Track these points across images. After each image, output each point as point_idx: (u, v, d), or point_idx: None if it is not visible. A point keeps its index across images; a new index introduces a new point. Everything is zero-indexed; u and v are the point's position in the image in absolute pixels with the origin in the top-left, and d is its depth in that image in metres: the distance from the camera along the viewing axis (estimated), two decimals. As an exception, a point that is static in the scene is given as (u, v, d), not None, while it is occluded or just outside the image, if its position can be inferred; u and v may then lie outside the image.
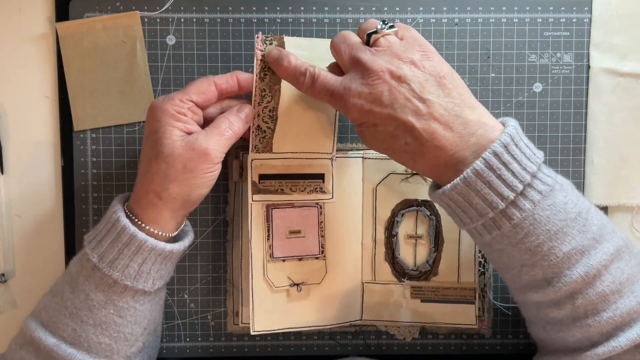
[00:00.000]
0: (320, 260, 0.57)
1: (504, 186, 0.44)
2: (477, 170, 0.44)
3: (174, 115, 0.50)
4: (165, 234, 0.51)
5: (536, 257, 0.45)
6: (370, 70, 0.46)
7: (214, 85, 0.52)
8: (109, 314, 0.50)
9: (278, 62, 0.51)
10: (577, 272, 0.44)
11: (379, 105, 0.46)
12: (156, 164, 0.49)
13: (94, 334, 0.50)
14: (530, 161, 0.45)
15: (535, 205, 0.44)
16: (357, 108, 0.47)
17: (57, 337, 0.50)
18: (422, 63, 0.46)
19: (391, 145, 0.47)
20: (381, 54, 0.47)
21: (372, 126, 0.47)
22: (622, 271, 0.45)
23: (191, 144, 0.49)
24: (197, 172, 0.50)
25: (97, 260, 0.50)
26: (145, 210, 0.50)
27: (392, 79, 0.46)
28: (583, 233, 0.45)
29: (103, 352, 0.51)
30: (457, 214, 0.48)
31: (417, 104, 0.45)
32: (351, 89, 0.47)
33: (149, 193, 0.50)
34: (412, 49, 0.47)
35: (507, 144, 0.45)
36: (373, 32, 0.48)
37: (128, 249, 0.49)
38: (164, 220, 0.51)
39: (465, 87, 0.48)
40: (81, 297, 0.50)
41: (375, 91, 0.46)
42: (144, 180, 0.50)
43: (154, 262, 0.51)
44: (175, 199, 0.50)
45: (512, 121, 0.47)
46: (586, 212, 0.46)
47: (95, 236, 0.51)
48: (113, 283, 0.50)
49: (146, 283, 0.51)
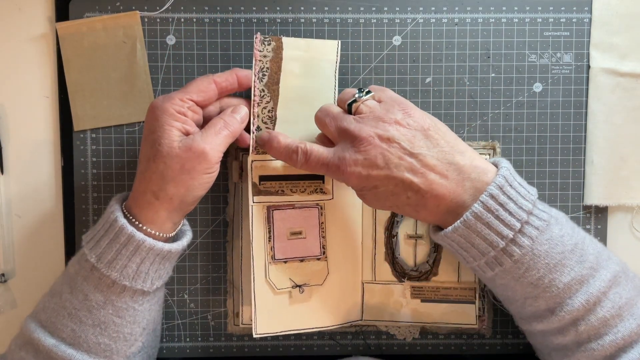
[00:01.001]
0: (322, 261, 0.57)
1: (502, 226, 0.47)
2: (476, 212, 0.47)
3: (174, 114, 0.50)
4: (162, 234, 0.51)
5: (538, 290, 0.47)
6: (359, 138, 0.48)
7: (214, 84, 0.52)
8: (108, 314, 0.50)
9: (269, 144, 0.53)
10: (578, 301, 0.46)
11: (375, 169, 0.48)
12: (154, 164, 0.50)
13: (93, 334, 0.50)
14: (525, 199, 0.47)
15: (533, 241, 0.47)
16: (355, 175, 0.48)
17: (57, 337, 0.50)
18: (405, 121, 0.48)
19: (394, 202, 0.49)
20: (365, 121, 0.49)
21: (373, 188, 0.49)
22: (620, 296, 0.47)
23: (189, 145, 0.49)
24: (194, 172, 0.50)
25: (95, 261, 0.50)
26: (143, 210, 0.50)
27: (381, 142, 0.48)
28: (581, 263, 0.47)
29: (102, 353, 0.51)
30: (460, 253, 0.50)
31: (410, 161, 0.47)
32: (345, 158, 0.48)
33: (146, 193, 0.50)
34: (392, 110, 0.49)
35: (502, 185, 0.47)
36: (353, 102, 0.50)
37: (126, 249, 0.49)
38: (160, 221, 0.51)
39: (451, 133, 0.50)
40: (80, 297, 0.50)
41: (368, 156, 0.48)
42: (142, 180, 0.51)
43: (152, 262, 0.51)
44: (171, 199, 0.50)
45: (504, 162, 0.49)
46: (582, 242, 0.48)
47: (93, 236, 0.51)
48: (111, 283, 0.50)
49: (145, 283, 0.51)
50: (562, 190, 0.60)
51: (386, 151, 0.47)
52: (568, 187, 0.60)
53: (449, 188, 0.48)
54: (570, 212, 0.60)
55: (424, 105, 0.59)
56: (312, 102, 0.55)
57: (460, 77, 0.59)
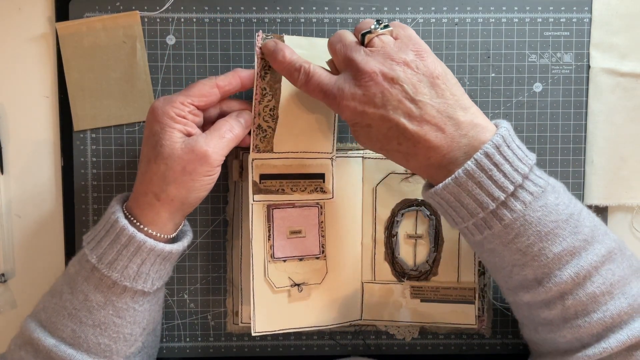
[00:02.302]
0: (321, 260, 0.57)
1: (494, 187, 0.44)
2: (468, 170, 0.44)
3: (174, 117, 0.50)
4: (163, 235, 0.51)
5: (527, 258, 0.46)
6: (363, 72, 0.46)
7: (217, 88, 0.52)
8: (108, 314, 0.50)
9: (273, 55, 0.51)
10: (567, 273, 0.45)
11: (372, 107, 0.46)
12: (155, 165, 0.49)
13: (93, 334, 0.50)
14: (522, 162, 0.45)
15: (526, 206, 0.45)
16: (350, 109, 0.47)
17: (57, 337, 0.50)
18: (415, 64, 0.46)
19: (384, 145, 0.47)
20: (374, 55, 0.47)
21: (366, 127, 0.47)
22: (613, 273, 0.45)
23: (191, 146, 0.49)
24: (195, 174, 0.50)
25: (96, 261, 0.50)
26: (144, 211, 0.50)
27: (384, 80, 0.46)
28: (574, 234, 0.45)
29: (102, 353, 0.51)
30: (448, 213, 0.48)
31: (409, 106, 0.46)
32: (344, 90, 0.47)
33: (147, 194, 0.50)
34: (405, 49, 0.47)
35: (499, 145, 0.45)
36: (367, 32, 0.48)
37: (127, 249, 0.49)
38: (161, 222, 0.51)
39: (459, 87, 0.48)
40: (80, 297, 0.50)
41: (368, 93, 0.46)
42: (142, 181, 0.51)
43: (152, 263, 0.51)
44: (173, 200, 0.50)
45: (504, 123, 0.47)
46: (578, 213, 0.46)
47: (94, 237, 0.51)
48: (112, 284, 0.50)
49: (145, 284, 0.51)
50: (562, 190, 0.60)
51: (387, 91, 0.46)
52: (568, 187, 0.59)
53: (443, 142, 0.45)
54: (570, 212, 0.60)
55: (424, 105, 0.59)
56: (313, 101, 0.55)
57: (460, 77, 0.59)
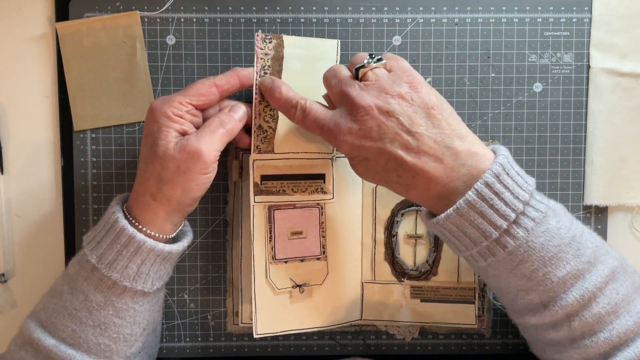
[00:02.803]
0: (322, 261, 0.57)
1: (496, 215, 0.45)
2: (470, 200, 0.45)
3: (171, 117, 0.50)
4: (162, 235, 0.51)
5: (532, 283, 0.46)
6: (358, 106, 0.46)
7: (215, 87, 0.52)
8: (108, 315, 0.50)
9: (270, 92, 0.52)
10: (572, 296, 0.45)
11: (369, 141, 0.46)
12: (152, 165, 0.50)
13: (93, 334, 0.50)
14: (522, 189, 0.46)
15: (528, 232, 0.45)
16: (347, 144, 0.47)
17: (57, 338, 0.50)
18: (409, 96, 0.46)
19: (383, 177, 0.48)
20: (369, 89, 0.47)
21: (364, 160, 0.48)
22: (617, 292, 0.46)
23: (183, 146, 0.49)
24: (190, 173, 0.49)
25: (96, 261, 0.50)
26: (142, 211, 0.51)
27: (380, 114, 0.46)
28: (577, 257, 0.46)
29: (102, 353, 0.51)
30: (452, 242, 0.48)
31: (406, 138, 0.46)
32: (341, 125, 0.47)
33: (145, 194, 0.50)
34: (399, 82, 0.47)
35: (499, 173, 0.45)
36: (361, 67, 0.48)
37: (127, 250, 0.49)
38: (159, 222, 0.51)
39: (455, 116, 0.48)
40: (80, 298, 0.50)
41: (364, 127, 0.46)
42: (140, 181, 0.51)
43: (152, 263, 0.51)
44: (169, 200, 0.50)
45: (502, 149, 0.47)
46: (580, 235, 0.47)
47: (94, 237, 0.51)
48: (112, 284, 0.50)
49: (145, 284, 0.51)
50: (562, 190, 0.60)
51: (383, 124, 0.46)
52: (568, 187, 0.60)
53: (442, 172, 0.46)
54: (571, 212, 0.59)
55: (424, 105, 0.59)
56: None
57: (460, 77, 0.59)
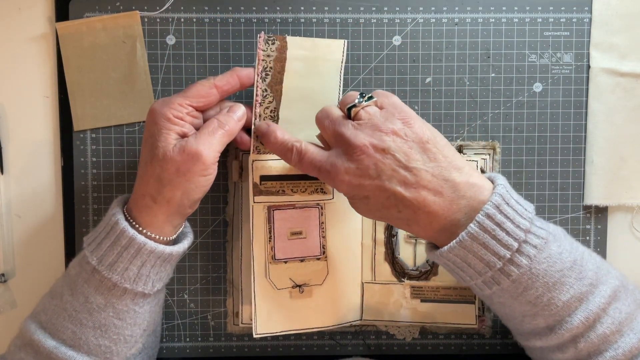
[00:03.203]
0: (322, 261, 0.57)
1: (499, 246, 0.45)
2: (472, 233, 0.45)
3: (171, 119, 0.50)
4: (162, 237, 0.51)
5: (537, 308, 0.47)
6: (353, 146, 0.47)
7: (215, 88, 0.52)
8: (109, 316, 0.50)
9: (266, 137, 0.52)
10: (577, 319, 0.46)
11: (367, 179, 0.47)
12: (151, 167, 0.50)
13: (93, 336, 0.50)
14: (523, 217, 0.46)
15: (531, 260, 0.45)
16: (345, 183, 0.47)
17: (57, 339, 0.50)
18: (403, 132, 0.47)
19: (385, 214, 0.48)
20: (362, 128, 0.47)
21: (364, 198, 0.48)
22: (620, 311, 0.46)
23: (182, 147, 0.49)
24: (190, 175, 0.49)
25: (96, 263, 0.50)
26: (142, 213, 0.51)
27: (376, 152, 0.46)
28: (580, 280, 0.46)
29: (102, 355, 0.51)
30: (456, 272, 0.49)
31: (404, 174, 0.46)
32: (337, 165, 0.47)
33: (145, 196, 0.50)
34: (392, 119, 0.47)
35: (499, 204, 0.45)
36: (352, 106, 0.49)
37: (127, 251, 0.49)
38: (159, 224, 0.51)
39: (450, 147, 0.48)
40: (80, 299, 0.50)
41: (361, 166, 0.46)
42: (140, 183, 0.51)
43: (153, 265, 0.51)
44: (169, 202, 0.50)
45: (500, 178, 0.48)
46: (581, 258, 0.47)
47: (94, 238, 0.51)
48: (112, 286, 0.50)
49: (145, 285, 0.51)
50: (562, 190, 0.60)
51: (380, 162, 0.46)
52: (568, 187, 0.60)
53: (442, 206, 0.46)
54: (570, 212, 0.60)
55: (424, 105, 0.59)
56: (315, 102, 0.55)
57: (460, 77, 0.59)
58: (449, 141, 0.58)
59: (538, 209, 0.59)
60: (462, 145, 0.59)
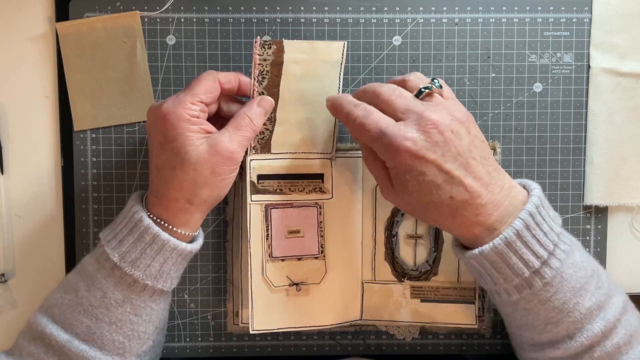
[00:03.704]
0: (320, 260, 0.57)
1: (538, 245, 0.47)
2: (517, 230, 0.46)
3: (190, 120, 0.49)
4: (191, 233, 0.52)
5: (562, 314, 0.47)
6: (427, 118, 0.46)
7: (219, 84, 0.52)
8: (125, 312, 0.51)
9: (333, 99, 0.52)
10: (597, 327, 0.47)
11: (432, 153, 0.46)
12: (183, 172, 0.49)
13: (108, 331, 0.50)
14: (554, 222, 0.48)
15: (562, 263, 0.47)
16: (408, 150, 0.46)
17: (70, 333, 0.50)
18: (468, 125, 0.48)
19: (435, 197, 0.47)
20: (436, 108, 0.47)
21: (420, 174, 0.46)
22: (630, 323, 0.48)
23: (215, 148, 0.49)
24: (224, 174, 0.50)
25: (117, 260, 0.50)
26: (177, 215, 0.51)
27: (446, 131, 0.46)
28: (599, 289, 0.48)
29: (116, 350, 0.51)
30: (489, 274, 0.49)
31: (467, 160, 0.47)
32: (407, 131, 0.46)
33: (178, 200, 0.50)
34: (459, 110, 0.48)
35: (538, 205, 0.47)
36: (427, 87, 0.48)
37: (151, 248, 0.50)
38: (194, 222, 0.52)
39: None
40: (98, 295, 0.50)
41: (430, 139, 0.46)
42: (170, 188, 0.50)
43: (174, 262, 0.51)
44: (206, 201, 0.51)
45: (533, 184, 0.50)
46: (597, 268, 0.49)
47: (114, 235, 0.51)
48: (133, 282, 0.50)
49: (165, 283, 0.51)
50: (562, 190, 0.60)
51: (449, 141, 0.46)
52: (568, 187, 0.60)
53: (490, 200, 0.47)
54: (570, 212, 0.60)
55: (424, 105, 0.59)
56: (313, 104, 0.55)
57: (460, 77, 0.59)
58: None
59: (538, 209, 0.60)
60: (462, 145, 0.59)
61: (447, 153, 0.46)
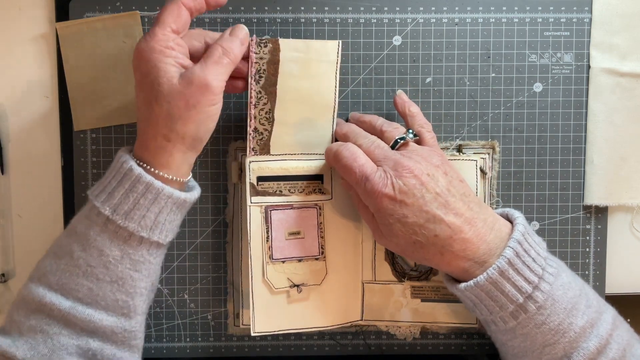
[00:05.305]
0: (320, 261, 0.57)
1: (528, 271, 0.48)
2: (509, 259, 0.48)
3: (163, 51, 0.48)
4: (178, 178, 0.50)
5: (558, 335, 0.48)
6: (404, 166, 0.49)
7: (184, 8, 0.50)
8: (125, 269, 0.49)
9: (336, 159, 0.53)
10: (592, 344, 0.48)
11: (411, 197, 0.49)
12: (158, 106, 0.48)
13: (110, 291, 0.49)
14: (540, 247, 0.50)
15: (551, 285, 0.48)
16: (387, 196, 0.49)
17: (72, 298, 0.48)
18: (444, 167, 0.51)
19: (421, 237, 0.49)
20: (413, 155, 0.51)
21: (402, 217, 0.49)
22: (622, 337, 0.49)
23: (189, 79, 0.48)
24: (200, 106, 0.48)
25: (110, 213, 0.48)
26: (156, 155, 0.49)
27: (422, 175, 0.49)
28: (589, 307, 0.49)
29: (120, 310, 0.49)
30: (484, 304, 0.50)
31: (445, 199, 0.49)
32: (385, 178, 0.49)
33: (156, 137, 0.49)
34: (434, 154, 0.51)
35: (524, 232, 0.49)
36: (402, 138, 0.52)
37: (144, 197, 0.48)
38: (175, 164, 0.50)
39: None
40: (94, 254, 0.49)
41: (408, 183, 0.49)
42: (147, 125, 0.49)
43: (169, 212, 0.50)
44: (183, 138, 0.49)
45: (515, 212, 0.52)
46: (584, 287, 0.51)
47: (103, 189, 0.50)
48: (128, 236, 0.49)
49: (161, 234, 0.50)
50: (562, 190, 0.60)
51: (426, 184, 0.49)
52: (568, 187, 0.60)
53: (474, 234, 0.49)
54: (570, 212, 0.60)
55: (424, 105, 0.59)
56: (312, 103, 0.55)
57: (460, 77, 0.59)
58: (449, 141, 0.59)
59: (538, 209, 0.60)
60: (462, 145, 0.59)
61: (426, 194, 0.49)
